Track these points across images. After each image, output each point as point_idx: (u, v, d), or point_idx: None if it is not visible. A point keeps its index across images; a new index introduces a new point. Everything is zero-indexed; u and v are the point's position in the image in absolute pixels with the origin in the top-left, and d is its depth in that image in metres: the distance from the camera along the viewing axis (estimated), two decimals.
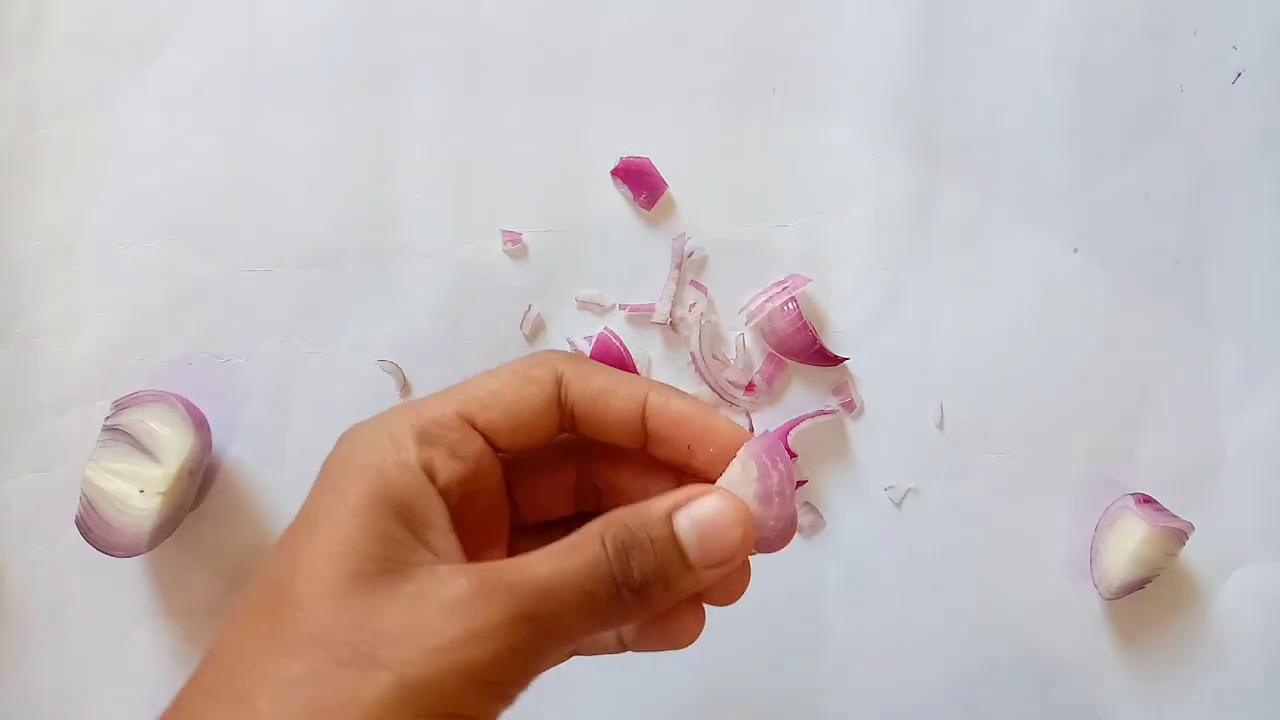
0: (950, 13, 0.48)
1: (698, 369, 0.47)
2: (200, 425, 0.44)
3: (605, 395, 0.30)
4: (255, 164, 0.47)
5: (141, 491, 0.42)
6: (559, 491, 0.33)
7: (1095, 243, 0.48)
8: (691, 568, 0.28)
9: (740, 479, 0.29)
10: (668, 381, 0.47)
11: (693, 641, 0.31)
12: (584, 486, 0.33)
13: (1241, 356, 0.48)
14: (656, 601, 0.28)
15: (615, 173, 0.47)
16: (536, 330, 0.47)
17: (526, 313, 0.47)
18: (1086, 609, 0.48)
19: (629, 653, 0.32)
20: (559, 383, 0.30)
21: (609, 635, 0.32)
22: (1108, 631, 0.48)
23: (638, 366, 0.47)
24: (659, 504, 0.29)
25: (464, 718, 0.26)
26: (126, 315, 0.47)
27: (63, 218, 0.47)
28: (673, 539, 0.28)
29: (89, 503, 0.42)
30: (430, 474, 0.28)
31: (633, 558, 0.27)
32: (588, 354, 0.47)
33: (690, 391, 0.47)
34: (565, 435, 0.31)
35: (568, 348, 0.47)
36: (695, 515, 0.28)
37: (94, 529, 0.42)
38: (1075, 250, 0.48)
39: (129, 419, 0.43)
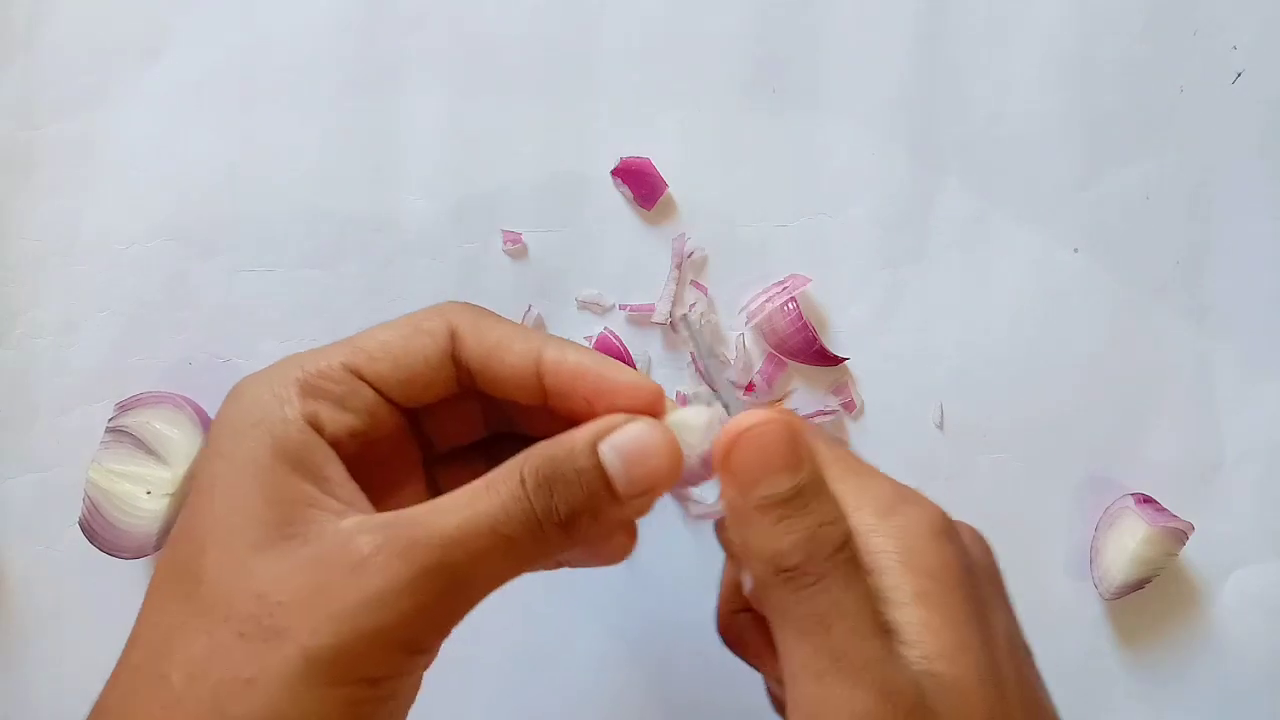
0: (950, 12, 0.48)
1: (698, 369, 0.47)
2: (206, 426, 0.44)
3: (499, 350, 0.29)
4: (255, 164, 0.47)
5: (149, 493, 0.42)
6: (468, 423, 0.32)
7: (1095, 243, 0.48)
8: (619, 498, 0.27)
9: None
10: (667, 382, 0.47)
11: (626, 556, 0.31)
12: (492, 416, 0.32)
13: (1241, 356, 0.48)
14: (583, 535, 0.27)
15: (615, 173, 0.47)
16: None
17: (526, 313, 0.47)
18: (1086, 609, 0.48)
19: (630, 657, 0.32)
20: (452, 335, 0.29)
21: None
22: (1108, 631, 0.48)
23: (638, 367, 0.47)
24: (581, 434, 0.27)
25: (379, 679, 0.25)
26: (127, 315, 0.47)
27: (63, 218, 0.47)
28: (599, 469, 0.27)
29: (93, 504, 0.42)
30: (317, 427, 0.27)
31: (557, 493, 0.26)
32: None
33: (690, 392, 0.47)
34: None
35: None
36: (619, 443, 0.27)
37: (99, 531, 0.42)
38: (1075, 250, 0.48)
39: (133, 420, 0.43)
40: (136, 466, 0.42)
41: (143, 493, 0.42)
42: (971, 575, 0.27)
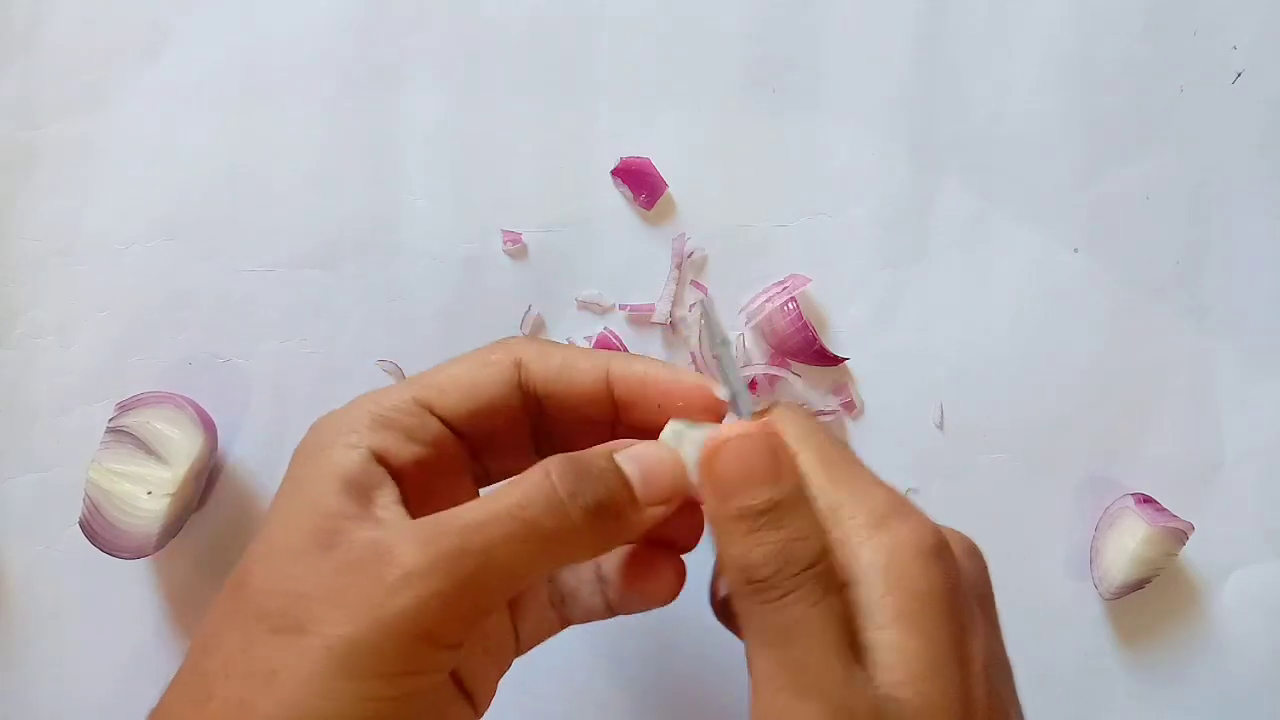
0: (950, 12, 0.48)
1: (698, 369, 0.47)
2: (207, 426, 0.44)
3: (567, 370, 0.31)
4: (255, 164, 0.47)
5: (149, 493, 0.42)
6: (520, 451, 0.33)
7: (1095, 243, 0.48)
8: (637, 501, 0.29)
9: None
10: None
11: (674, 595, 0.33)
12: (542, 445, 0.33)
13: (1241, 356, 0.48)
14: (607, 528, 0.28)
15: (615, 173, 0.47)
16: (536, 330, 0.47)
17: (526, 313, 0.47)
18: (1086, 609, 0.48)
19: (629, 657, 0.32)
20: (518, 365, 0.31)
21: (595, 598, 0.34)
22: (1108, 631, 0.48)
23: None
24: (596, 449, 0.30)
25: (402, 674, 0.26)
26: (126, 315, 0.47)
27: (63, 218, 0.47)
28: (618, 471, 0.29)
29: (93, 504, 0.42)
30: (385, 457, 0.29)
31: (580, 481, 0.28)
32: None
33: None
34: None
35: None
36: (633, 454, 0.29)
37: (99, 531, 0.42)
38: (1075, 250, 0.48)
39: (134, 420, 0.43)
40: (137, 466, 0.42)
41: (143, 493, 0.42)
42: (956, 597, 0.27)
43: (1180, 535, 0.46)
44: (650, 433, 0.31)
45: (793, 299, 0.46)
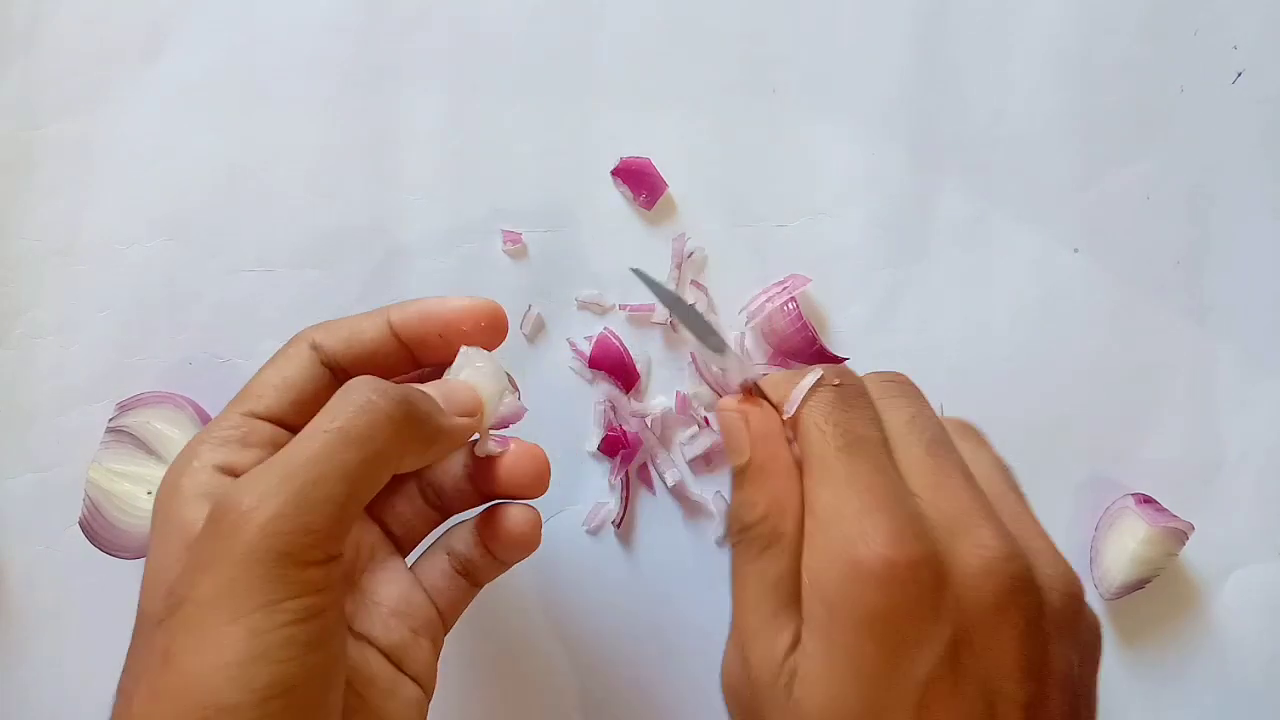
0: (950, 12, 0.48)
1: (698, 369, 0.47)
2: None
3: (355, 334, 0.34)
4: (255, 164, 0.47)
5: (149, 493, 0.42)
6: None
7: (1095, 243, 0.48)
8: (441, 408, 0.32)
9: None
10: (667, 382, 0.47)
11: (534, 538, 0.35)
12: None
13: (1241, 356, 0.48)
14: (420, 426, 0.31)
15: (615, 173, 0.47)
16: (536, 330, 0.47)
17: (526, 313, 0.47)
18: None
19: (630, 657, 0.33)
20: (314, 348, 0.34)
21: (463, 484, 0.36)
22: (1108, 631, 0.47)
23: (638, 366, 0.47)
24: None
25: (286, 600, 0.27)
26: (126, 315, 0.47)
27: (63, 218, 0.47)
28: (419, 389, 0.32)
29: (93, 504, 0.42)
30: (229, 469, 0.31)
31: (381, 387, 0.30)
32: (588, 354, 0.47)
33: (690, 391, 0.47)
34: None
35: (568, 348, 0.47)
36: (427, 385, 0.33)
37: (99, 531, 0.42)
38: (1075, 250, 0.48)
39: (134, 420, 0.43)
40: (137, 466, 0.42)
41: (143, 493, 0.42)
42: (883, 623, 0.26)
43: (1180, 535, 0.46)
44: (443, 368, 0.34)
45: (793, 299, 0.46)
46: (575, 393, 0.47)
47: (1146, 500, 0.46)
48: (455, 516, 0.37)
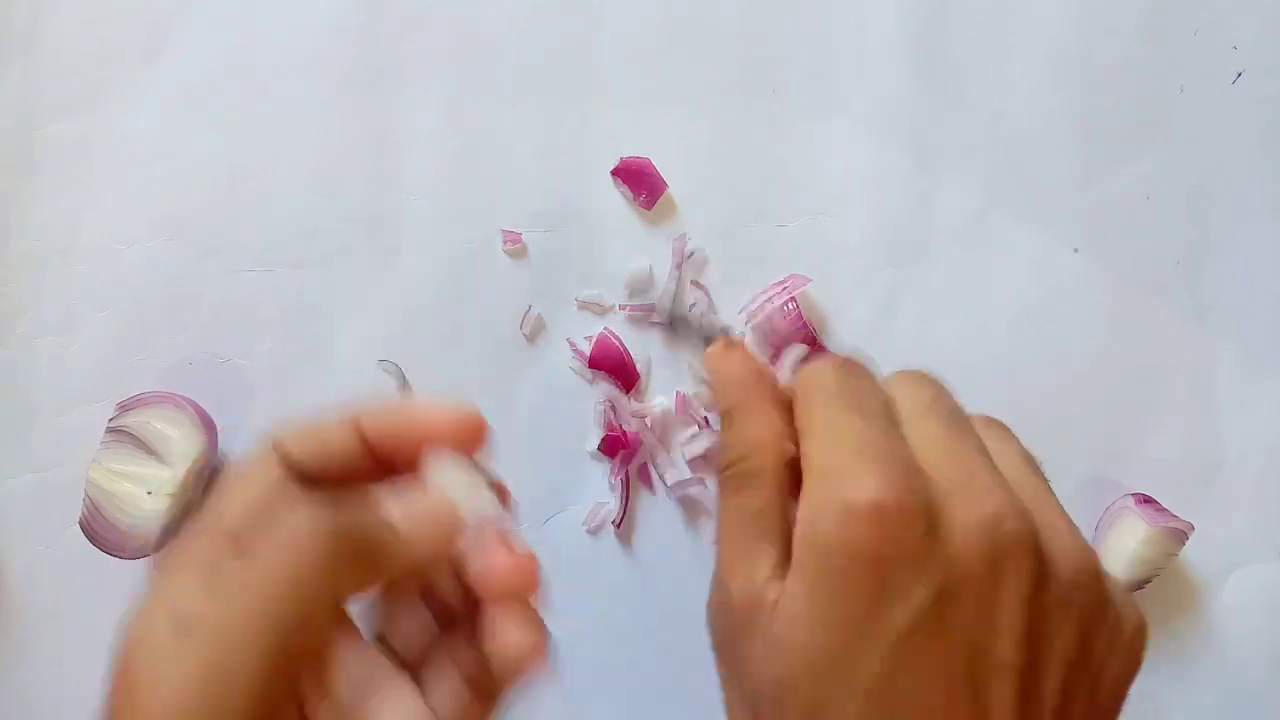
0: (950, 12, 0.48)
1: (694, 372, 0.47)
2: (208, 426, 0.44)
3: (322, 445, 0.29)
4: (255, 164, 0.47)
5: (150, 493, 0.42)
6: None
7: (1095, 243, 0.48)
8: (396, 533, 0.28)
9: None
10: (667, 382, 0.47)
11: (538, 656, 0.30)
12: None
13: (1241, 356, 0.48)
14: (370, 543, 0.27)
15: (615, 173, 0.47)
16: (536, 330, 0.47)
17: (526, 313, 0.47)
18: None
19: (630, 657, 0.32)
20: (282, 460, 0.29)
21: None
22: None
23: (638, 366, 0.47)
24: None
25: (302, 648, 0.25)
26: (126, 315, 0.47)
27: (63, 218, 0.47)
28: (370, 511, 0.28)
29: (93, 505, 0.42)
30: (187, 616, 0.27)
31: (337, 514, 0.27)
32: (588, 354, 0.47)
33: (689, 391, 0.47)
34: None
35: (567, 348, 0.47)
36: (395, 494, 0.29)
37: (100, 531, 0.42)
38: (1075, 250, 0.48)
39: (134, 420, 0.43)
40: (137, 466, 0.42)
41: (143, 493, 0.42)
42: (864, 562, 0.26)
43: (1180, 535, 0.46)
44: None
45: (793, 299, 0.46)
46: (575, 393, 0.47)
47: (1146, 500, 0.46)
48: None
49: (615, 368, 0.46)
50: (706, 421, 0.47)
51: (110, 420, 0.44)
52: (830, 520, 0.27)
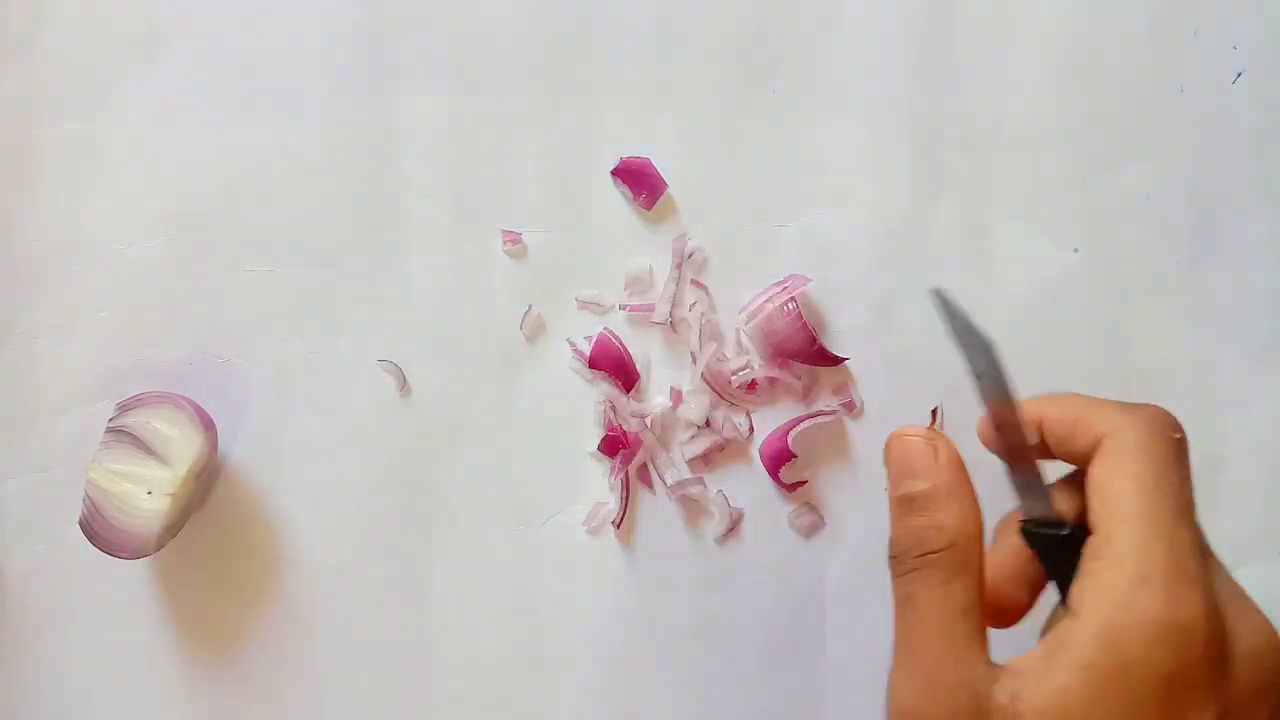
0: (950, 12, 0.48)
1: (706, 381, 0.47)
2: (207, 426, 0.44)
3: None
4: (255, 164, 0.47)
5: (149, 493, 0.42)
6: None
7: (1095, 243, 0.48)
8: None
9: None
10: (667, 382, 0.47)
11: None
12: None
13: (1241, 356, 0.48)
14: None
15: (615, 173, 0.47)
16: (536, 330, 0.47)
17: (526, 313, 0.47)
18: None
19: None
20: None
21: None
22: None
23: (638, 366, 0.47)
24: None
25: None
26: (127, 315, 0.47)
27: (63, 218, 0.47)
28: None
29: (93, 504, 0.42)
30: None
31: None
32: (588, 354, 0.47)
33: (689, 391, 0.47)
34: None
35: (567, 348, 0.47)
36: None
37: (99, 531, 0.42)
38: (1075, 250, 0.48)
39: (134, 420, 0.43)
40: (137, 466, 0.42)
41: (143, 493, 0.42)
42: (1167, 685, 0.27)
43: None
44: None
45: (793, 299, 0.46)
46: (575, 393, 0.47)
47: None
48: None
49: (615, 368, 0.46)
50: (708, 423, 0.47)
51: (110, 420, 0.44)
52: (1145, 633, 0.27)
